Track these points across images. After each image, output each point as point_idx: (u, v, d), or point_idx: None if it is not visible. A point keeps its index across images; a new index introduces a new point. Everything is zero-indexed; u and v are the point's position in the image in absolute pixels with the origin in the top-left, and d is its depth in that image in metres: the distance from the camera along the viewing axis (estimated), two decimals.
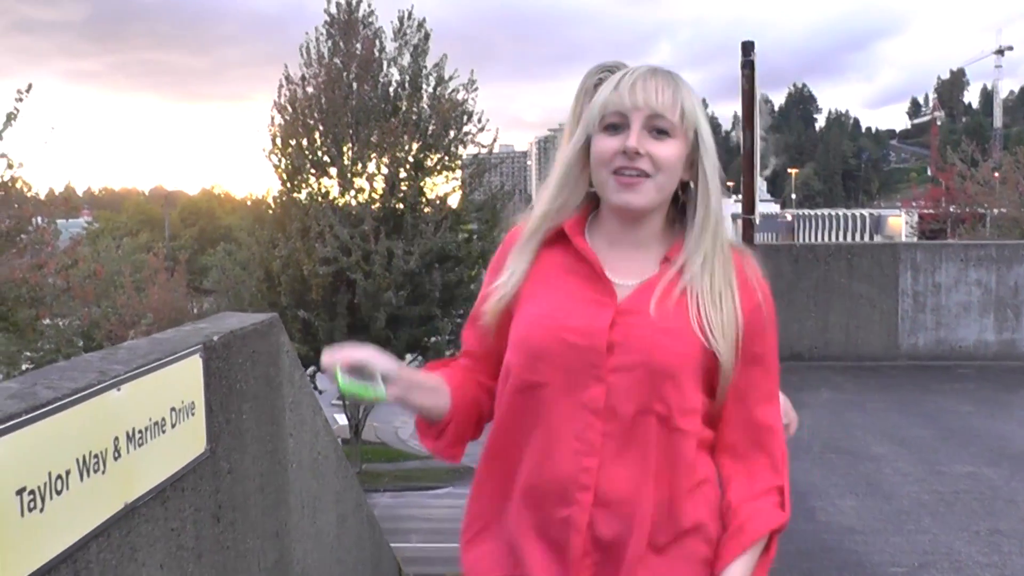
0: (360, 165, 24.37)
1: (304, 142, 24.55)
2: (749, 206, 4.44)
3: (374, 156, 24.27)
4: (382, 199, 24.28)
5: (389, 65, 25.16)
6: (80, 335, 26.67)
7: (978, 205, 30.92)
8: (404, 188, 24.29)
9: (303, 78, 24.96)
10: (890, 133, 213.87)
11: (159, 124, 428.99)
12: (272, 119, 25.13)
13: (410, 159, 24.47)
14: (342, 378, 1.86)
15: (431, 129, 24.79)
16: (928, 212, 37.40)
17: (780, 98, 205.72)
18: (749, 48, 4.20)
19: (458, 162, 25.87)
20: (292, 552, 4.43)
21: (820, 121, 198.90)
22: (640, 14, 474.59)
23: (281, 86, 25.16)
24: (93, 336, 26.44)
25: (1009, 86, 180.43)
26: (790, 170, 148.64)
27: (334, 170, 24.55)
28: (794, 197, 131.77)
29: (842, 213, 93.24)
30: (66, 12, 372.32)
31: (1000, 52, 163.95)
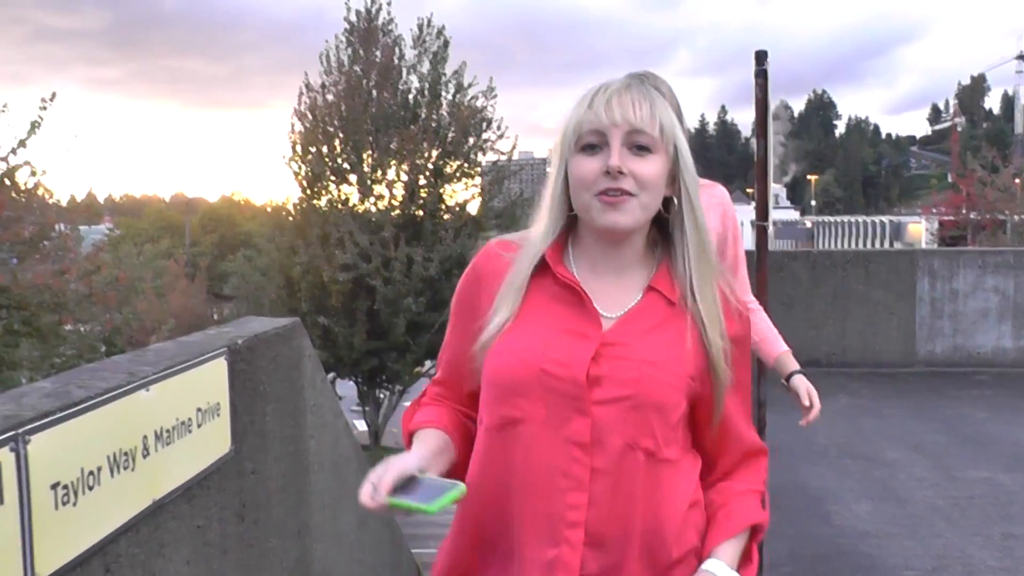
0: (380, 172, 24.46)
1: (324, 149, 24.67)
2: (763, 213, 4.49)
3: (394, 163, 24.35)
4: (402, 206, 24.35)
5: (408, 72, 25.24)
6: (102, 341, 26.82)
7: (998, 211, 30.73)
8: (424, 195, 24.34)
9: (323, 86, 25.09)
10: (910, 139, 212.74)
11: (179, 131, 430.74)
12: (292, 126, 25.26)
13: (429, 166, 24.53)
14: (402, 501, 1.73)
15: (450, 136, 24.85)
16: (948, 219, 37.16)
17: (800, 104, 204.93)
18: (763, 57, 4.25)
19: (477, 169, 25.90)
20: (313, 552, 4.51)
21: (840, 127, 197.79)
22: (659, 21, 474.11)
23: (301, 93, 25.31)
24: (115, 342, 26.58)
25: None
26: (810, 177, 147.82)
27: (354, 177, 24.63)
28: (814, 204, 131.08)
29: (862, 220, 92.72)
30: (86, 20, 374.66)
31: (1021, 57, 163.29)
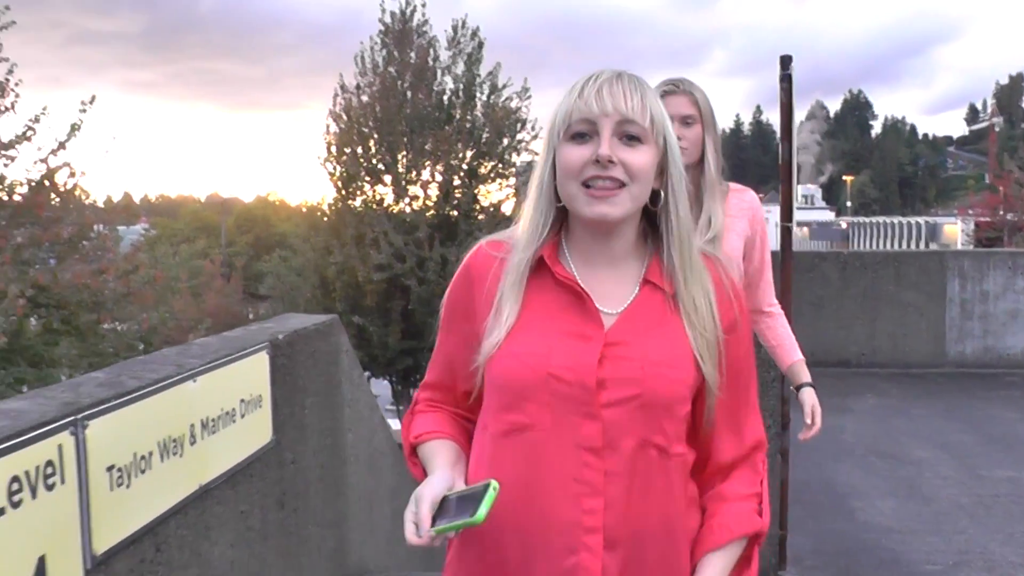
0: (414, 173, 24.55)
1: (359, 150, 24.77)
2: (787, 214, 4.59)
3: (428, 164, 24.44)
4: (436, 206, 24.42)
5: (443, 74, 25.29)
6: (139, 339, 27.10)
7: None
8: (458, 195, 24.41)
9: (358, 87, 25.20)
10: (947, 139, 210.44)
11: (215, 132, 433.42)
12: (327, 127, 25.35)
13: (464, 167, 24.60)
14: (448, 524, 1.68)
15: (485, 137, 24.90)
16: (984, 220, 36.87)
17: (835, 104, 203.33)
18: (787, 62, 4.35)
19: (512, 169, 25.94)
20: (349, 541, 4.65)
21: (876, 128, 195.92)
22: (694, 21, 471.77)
23: (336, 95, 25.42)
24: (152, 341, 26.87)
25: None
26: (845, 177, 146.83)
27: (388, 178, 24.72)
28: (849, 204, 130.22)
29: (897, 221, 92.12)
30: (123, 24, 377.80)
31: None
